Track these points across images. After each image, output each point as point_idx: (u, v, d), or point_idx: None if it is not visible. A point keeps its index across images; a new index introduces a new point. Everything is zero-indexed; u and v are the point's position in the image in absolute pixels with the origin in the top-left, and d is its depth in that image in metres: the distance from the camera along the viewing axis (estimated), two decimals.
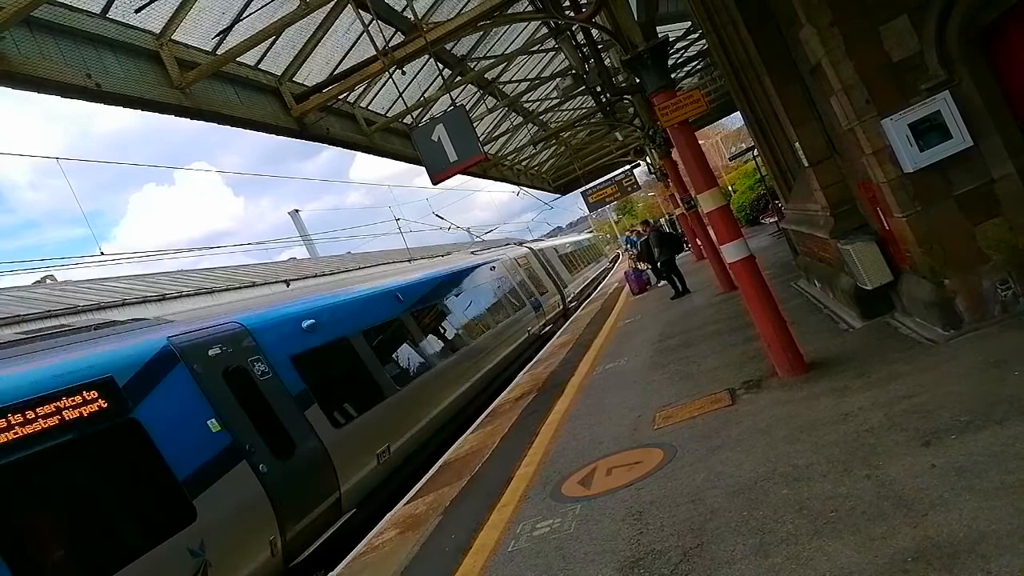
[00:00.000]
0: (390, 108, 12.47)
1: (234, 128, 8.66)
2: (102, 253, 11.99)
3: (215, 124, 8.33)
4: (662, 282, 19.38)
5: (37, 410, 4.96)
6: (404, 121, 12.65)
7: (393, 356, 10.53)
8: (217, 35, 7.80)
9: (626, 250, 35.42)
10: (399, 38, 9.40)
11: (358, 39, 9.68)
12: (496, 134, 18.92)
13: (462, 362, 12.53)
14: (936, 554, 3.05)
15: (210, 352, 6.78)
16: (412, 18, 9.06)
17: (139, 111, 7.26)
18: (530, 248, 25.04)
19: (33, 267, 12.18)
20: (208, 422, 6.21)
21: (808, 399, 5.62)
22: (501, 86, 15.75)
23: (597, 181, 30.39)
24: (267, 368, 7.33)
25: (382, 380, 9.45)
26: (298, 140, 9.87)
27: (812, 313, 8.82)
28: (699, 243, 20.14)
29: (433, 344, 12.07)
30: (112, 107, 7.00)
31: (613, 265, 49.77)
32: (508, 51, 13.98)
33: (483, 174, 20.00)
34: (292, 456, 6.92)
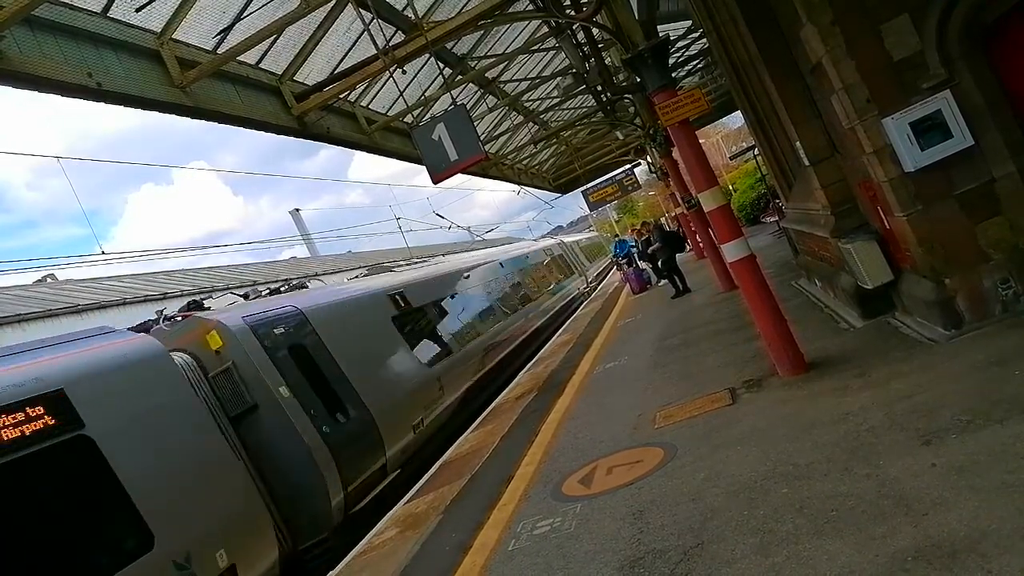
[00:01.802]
0: (391, 107, 12.48)
1: (234, 127, 8.67)
2: (103, 252, 11.98)
3: (215, 123, 8.34)
4: (662, 281, 19.39)
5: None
6: (405, 120, 12.65)
7: None
8: (218, 34, 7.80)
9: (615, 258, 27.05)
10: (400, 37, 9.39)
11: (359, 38, 9.68)
12: (496, 133, 18.92)
13: None
14: (936, 553, 3.04)
15: None
16: (413, 17, 9.06)
17: (139, 110, 7.27)
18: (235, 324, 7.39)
19: (34, 266, 12.18)
20: None
21: (809, 398, 5.62)
22: (502, 85, 15.74)
23: (598, 180, 30.35)
24: None
25: None
26: (298, 139, 9.87)
27: (813, 312, 8.81)
28: (699, 242, 20.13)
29: None
30: (110, 108, 7.01)
31: (593, 290, 30.30)
32: (509, 50, 13.98)
33: (483, 173, 20.01)
34: None
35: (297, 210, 35.33)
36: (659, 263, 17.34)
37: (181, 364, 6.65)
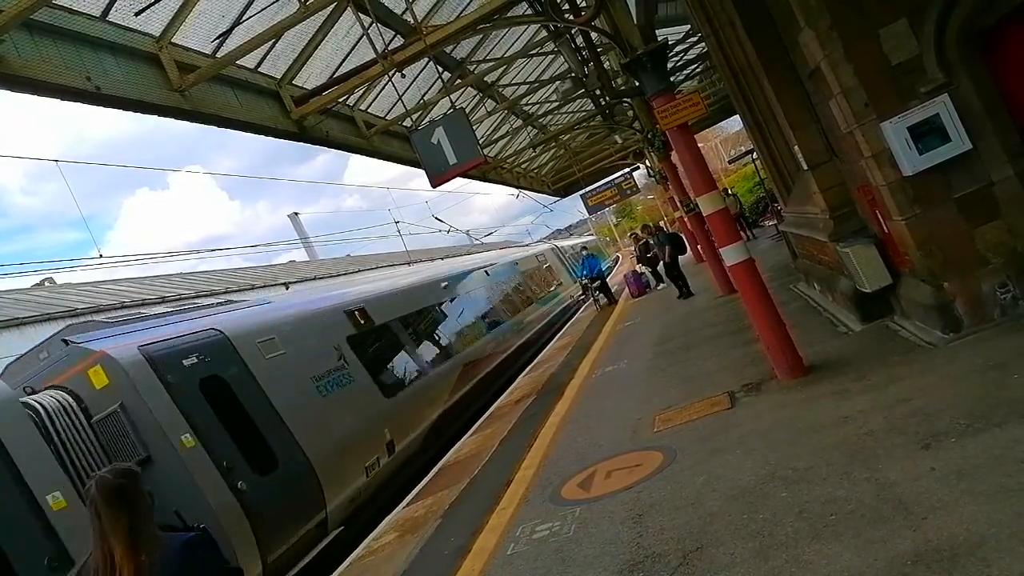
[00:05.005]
0: (390, 111, 12.48)
1: (232, 131, 8.67)
2: (100, 256, 11.98)
3: (212, 127, 8.34)
4: (662, 284, 19.40)
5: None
6: (404, 124, 12.66)
7: None
8: (217, 38, 7.80)
9: (582, 280, 22.21)
10: (399, 41, 9.40)
11: (358, 42, 9.68)
12: (495, 137, 18.94)
13: None
14: (936, 557, 3.04)
15: None
16: (412, 21, 9.07)
17: (137, 114, 7.27)
18: None
19: (32, 270, 12.17)
20: None
21: (808, 402, 5.62)
22: (501, 89, 15.76)
23: (596, 184, 30.39)
24: None
25: None
26: (295, 143, 9.88)
27: (811, 316, 8.81)
28: (699, 246, 20.16)
29: None
30: (105, 113, 7.01)
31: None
32: (507, 54, 14.00)
33: (482, 177, 20.02)
34: None
35: (296, 214, 35.31)
36: (664, 265, 17.31)
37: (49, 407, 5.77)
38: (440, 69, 11.53)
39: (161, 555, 2.44)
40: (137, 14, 6.71)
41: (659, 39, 8.55)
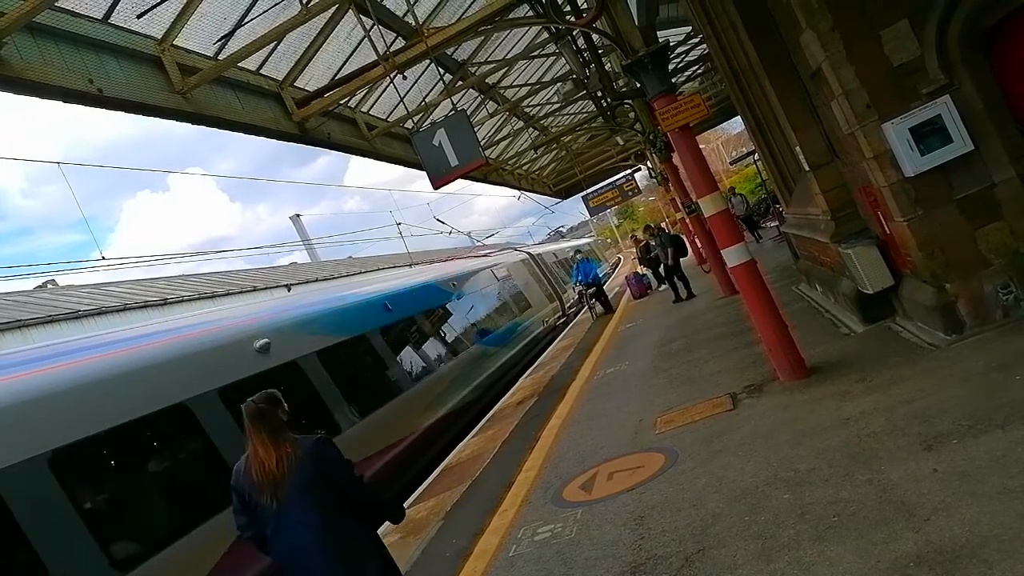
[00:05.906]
0: (391, 113, 12.50)
1: (234, 133, 8.69)
2: (103, 258, 11.99)
3: (212, 130, 8.36)
4: (663, 286, 19.38)
5: None
6: (405, 126, 12.67)
7: None
8: (219, 40, 7.82)
9: (577, 285, 20.48)
10: (400, 43, 9.43)
11: (359, 44, 9.71)
12: (497, 139, 18.97)
13: None
14: (938, 559, 3.03)
15: None
16: (413, 23, 9.09)
17: (138, 116, 7.30)
18: None
19: (34, 272, 12.17)
20: None
21: (810, 403, 5.61)
22: (502, 91, 15.78)
23: (598, 185, 30.37)
24: None
25: None
26: (296, 145, 9.90)
27: (813, 317, 8.80)
28: (700, 247, 20.13)
29: None
30: (106, 116, 7.03)
31: None
32: (509, 56, 14.02)
33: (484, 179, 20.05)
34: None
35: (298, 216, 35.29)
36: (669, 263, 17.24)
37: None
38: (441, 71, 11.55)
39: (298, 449, 3.49)
40: (139, 16, 6.73)
41: (660, 41, 8.55)
